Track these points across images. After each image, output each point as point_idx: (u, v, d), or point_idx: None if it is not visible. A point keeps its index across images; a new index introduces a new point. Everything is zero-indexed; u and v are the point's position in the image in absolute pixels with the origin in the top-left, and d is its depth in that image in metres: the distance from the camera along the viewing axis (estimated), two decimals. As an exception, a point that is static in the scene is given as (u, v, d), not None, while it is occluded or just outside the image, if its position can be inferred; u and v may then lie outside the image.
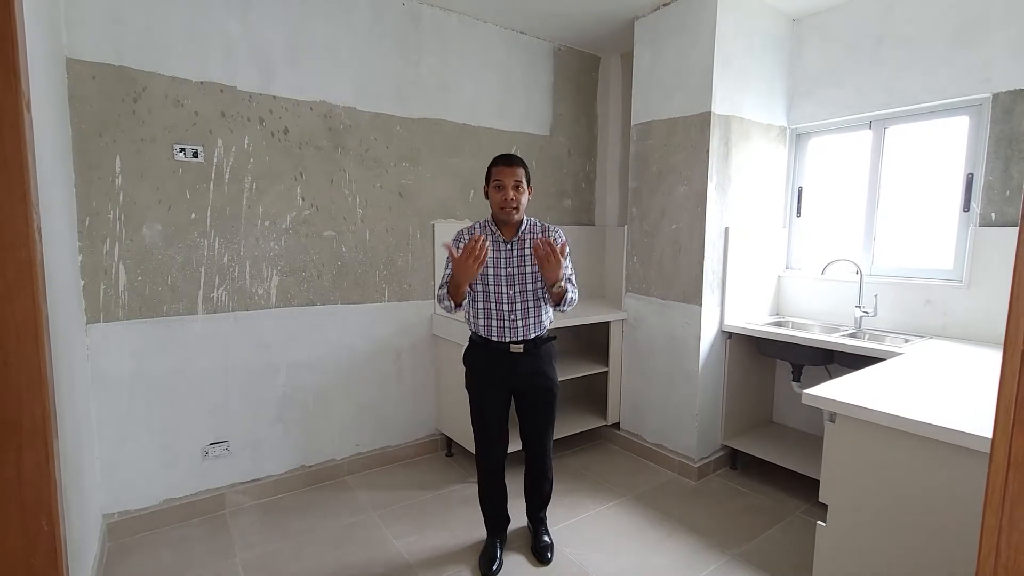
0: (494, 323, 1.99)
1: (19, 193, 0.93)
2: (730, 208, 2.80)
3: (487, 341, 2.01)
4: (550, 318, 2.09)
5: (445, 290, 1.93)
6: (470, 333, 2.10)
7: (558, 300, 1.96)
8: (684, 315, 2.83)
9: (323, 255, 2.69)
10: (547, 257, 1.80)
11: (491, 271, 1.98)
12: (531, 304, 2.00)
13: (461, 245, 1.96)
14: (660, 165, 2.93)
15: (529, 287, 1.99)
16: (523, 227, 2.02)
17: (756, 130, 2.87)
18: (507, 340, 1.99)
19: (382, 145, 2.82)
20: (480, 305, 2.01)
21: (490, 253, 1.93)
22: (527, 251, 1.99)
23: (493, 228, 2.02)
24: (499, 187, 1.94)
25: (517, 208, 1.94)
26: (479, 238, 1.77)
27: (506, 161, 1.96)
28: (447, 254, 1.95)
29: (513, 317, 1.98)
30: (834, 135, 2.94)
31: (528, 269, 1.99)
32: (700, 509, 2.55)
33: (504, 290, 1.97)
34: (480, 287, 1.99)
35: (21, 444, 0.95)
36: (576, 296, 2.03)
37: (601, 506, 2.58)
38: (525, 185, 1.97)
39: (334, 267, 2.73)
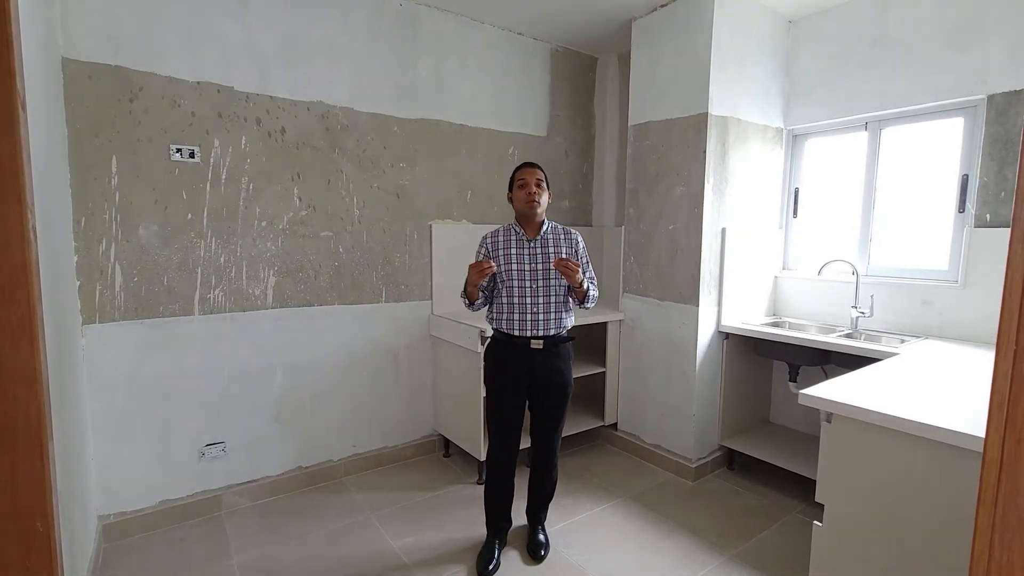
0: (516, 317, 2.06)
1: (14, 193, 0.93)
2: (727, 209, 2.81)
3: (509, 337, 2.08)
4: (571, 319, 2.16)
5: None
6: (492, 331, 2.17)
7: (582, 298, 2.09)
8: (681, 316, 2.83)
9: (320, 256, 2.68)
10: (564, 271, 1.96)
11: (515, 267, 2.08)
12: (552, 301, 2.08)
13: (484, 249, 2.15)
14: (657, 166, 2.93)
15: (552, 284, 2.08)
16: (545, 228, 2.14)
17: (753, 131, 2.88)
18: (528, 335, 2.05)
19: (379, 146, 2.82)
20: (504, 300, 2.09)
21: (514, 251, 2.09)
22: (550, 250, 2.10)
23: (517, 228, 2.13)
24: (523, 185, 2.08)
25: (539, 203, 2.07)
26: (488, 262, 1.98)
27: (528, 164, 2.15)
28: (475, 258, 2.17)
29: (535, 311, 2.06)
30: (830, 136, 2.95)
31: (551, 267, 2.08)
32: (697, 509, 2.55)
33: (527, 285, 2.07)
34: (505, 283, 2.08)
35: (16, 445, 0.94)
36: (597, 293, 2.17)
37: (599, 506, 2.58)
38: (545, 186, 2.12)
39: (331, 268, 2.72)
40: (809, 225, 3.10)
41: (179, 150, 2.28)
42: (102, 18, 2.09)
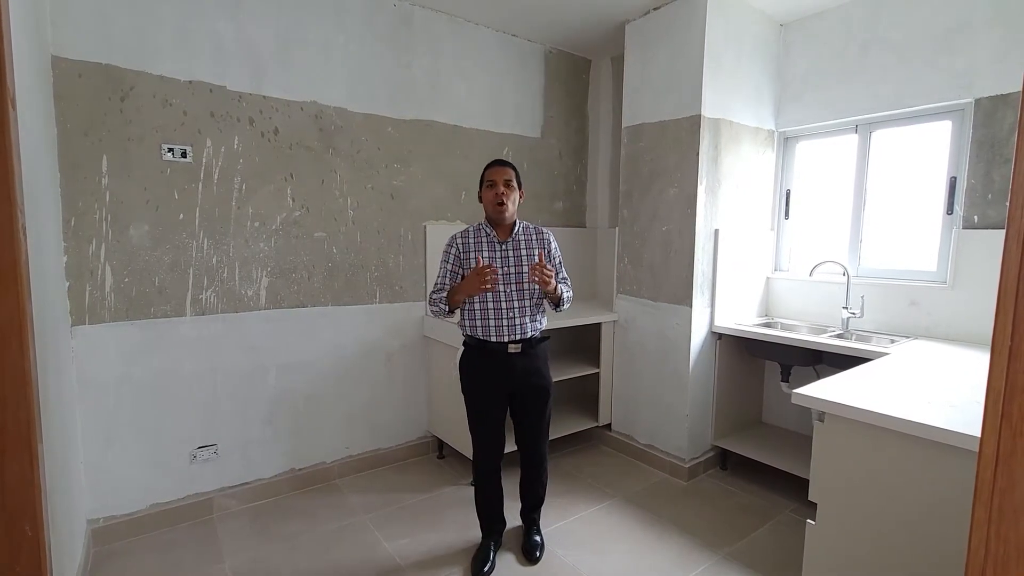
0: (492, 322, 2.01)
1: (4, 192, 0.91)
2: (720, 210, 2.83)
3: (484, 343, 2.03)
4: (545, 319, 2.13)
5: (443, 294, 2.03)
6: (464, 338, 2.11)
7: (556, 302, 2.07)
8: (674, 316, 2.85)
9: (314, 256, 2.67)
10: (540, 281, 1.92)
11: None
12: (527, 303, 2.04)
13: (454, 249, 2.07)
14: (651, 168, 2.95)
15: (525, 286, 2.04)
16: (517, 229, 2.08)
17: (745, 133, 2.90)
18: (505, 340, 2.01)
19: (373, 146, 2.81)
20: (476, 306, 2.03)
21: (485, 254, 2.03)
22: (522, 251, 2.06)
23: (488, 229, 2.07)
24: (491, 185, 2.02)
25: (507, 204, 2.00)
26: (494, 269, 1.91)
27: (497, 163, 2.08)
28: (443, 259, 2.07)
29: (511, 315, 2.01)
30: (821, 139, 2.98)
31: (524, 269, 2.04)
32: (691, 509, 2.56)
33: (501, 289, 2.01)
34: None
35: (5, 448, 0.93)
36: (571, 295, 2.14)
37: (593, 507, 2.58)
38: (515, 185, 2.05)
39: (325, 268, 2.71)
40: (800, 226, 3.12)
41: (171, 149, 2.26)
42: (92, 16, 2.07)
